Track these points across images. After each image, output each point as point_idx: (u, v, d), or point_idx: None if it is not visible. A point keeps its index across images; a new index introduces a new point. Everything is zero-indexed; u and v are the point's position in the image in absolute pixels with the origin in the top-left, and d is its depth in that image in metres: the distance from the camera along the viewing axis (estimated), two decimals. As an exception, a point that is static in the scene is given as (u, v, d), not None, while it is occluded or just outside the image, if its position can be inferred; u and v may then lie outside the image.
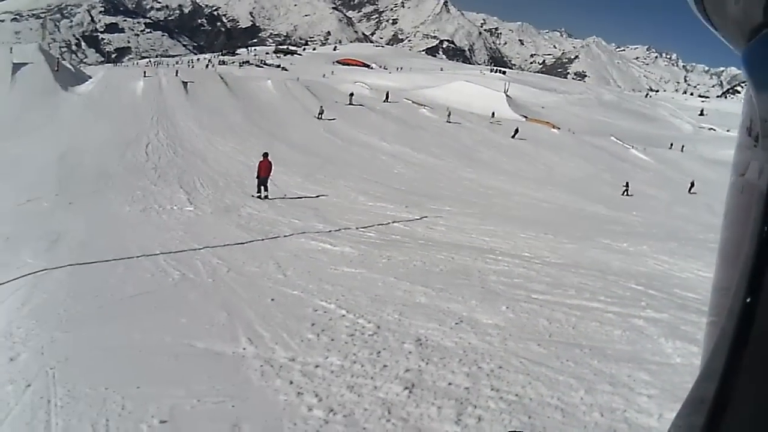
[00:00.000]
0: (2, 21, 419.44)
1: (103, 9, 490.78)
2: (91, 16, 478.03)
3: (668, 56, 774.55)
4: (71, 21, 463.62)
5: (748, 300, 0.55)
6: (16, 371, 6.50)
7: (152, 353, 7.07)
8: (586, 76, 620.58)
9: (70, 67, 54.31)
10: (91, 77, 48.79)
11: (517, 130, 51.23)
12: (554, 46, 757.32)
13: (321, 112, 44.37)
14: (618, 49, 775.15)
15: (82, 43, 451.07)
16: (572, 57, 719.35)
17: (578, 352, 7.43)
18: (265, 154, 19.45)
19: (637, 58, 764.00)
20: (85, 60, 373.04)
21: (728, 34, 0.73)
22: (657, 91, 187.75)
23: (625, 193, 36.01)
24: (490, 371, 6.76)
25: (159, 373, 6.60)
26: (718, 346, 0.60)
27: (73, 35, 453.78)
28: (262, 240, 13.46)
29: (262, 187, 18.98)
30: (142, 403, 5.86)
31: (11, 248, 11.88)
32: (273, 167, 19.26)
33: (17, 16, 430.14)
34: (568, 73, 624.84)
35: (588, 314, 8.97)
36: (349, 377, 6.54)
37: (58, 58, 49.85)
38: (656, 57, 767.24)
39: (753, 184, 0.60)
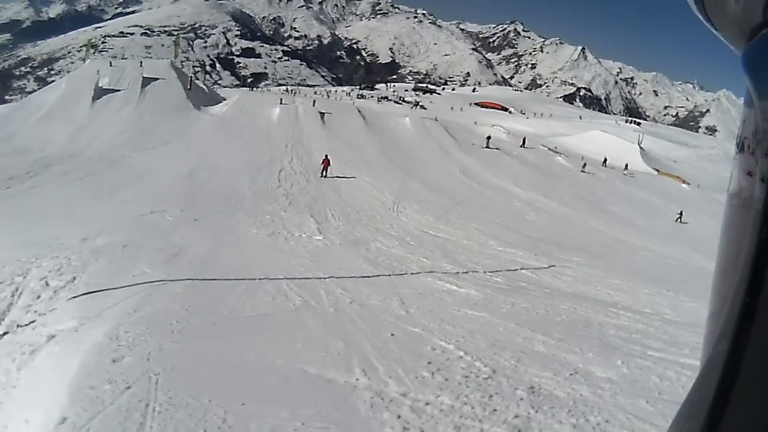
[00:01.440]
0: (132, 34, 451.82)
1: (239, 33, 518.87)
2: (226, 38, 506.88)
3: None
4: (205, 41, 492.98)
5: (748, 300, 0.62)
6: (117, 372, 7.19)
7: (262, 373, 7.56)
8: (716, 130, 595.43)
9: (204, 87, 58.42)
10: (225, 99, 52.37)
11: (585, 164, 52.92)
12: (687, 99, 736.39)
13: (417, 103, 53.11)
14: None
15: (217, 65, 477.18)
16: (704, 110, 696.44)
17: (684, 413, 7.49)
18: (326, 155, 30.67)
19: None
20: (219, 81, 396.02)
21: (728, 34, 0.81)
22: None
23: (679, 220, 39.57)
24: (597, 424, 7.00)
25: (266, 393, 7.04)
26: (718, 347, 0.66)
27: (207, 56, 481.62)
28: (389, 276, 13.96)
29: (324, 172, 29.80)
30: (244, 419, 6.30)
31: (128, 256, 13.05)
32: (332, 163, 30.39)
33: (148, 31, 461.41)
34: (700, 126, 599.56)
35: (698, 375, 8.93)
36: (458, 417, 6.82)
37: (191, 76, 53.28)
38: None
39: (753, 185, 0.66)
